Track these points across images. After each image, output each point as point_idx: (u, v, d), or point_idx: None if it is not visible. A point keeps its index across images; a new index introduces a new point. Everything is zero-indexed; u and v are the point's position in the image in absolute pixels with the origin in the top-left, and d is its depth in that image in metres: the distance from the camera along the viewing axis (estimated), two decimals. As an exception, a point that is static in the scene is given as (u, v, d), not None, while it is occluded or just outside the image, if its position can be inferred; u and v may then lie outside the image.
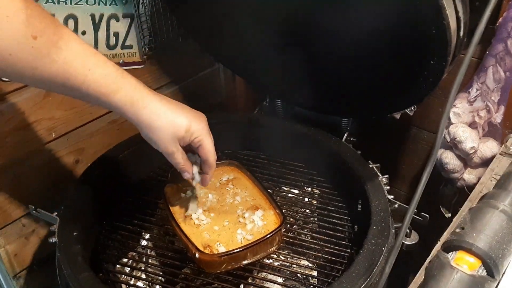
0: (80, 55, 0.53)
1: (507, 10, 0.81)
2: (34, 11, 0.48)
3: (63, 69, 0.51)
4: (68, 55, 0.51)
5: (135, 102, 0.57)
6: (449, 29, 0.60)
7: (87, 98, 0.55)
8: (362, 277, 0.61)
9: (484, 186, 0.76)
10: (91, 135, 0.95)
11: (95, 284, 0.61)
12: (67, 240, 0.67)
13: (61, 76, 0.51)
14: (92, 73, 0.53)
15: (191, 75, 1.13)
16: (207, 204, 0.75)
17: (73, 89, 0.53)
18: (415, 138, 1.09)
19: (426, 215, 0.71)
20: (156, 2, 0.94)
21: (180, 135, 0.61)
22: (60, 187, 0.91)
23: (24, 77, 0.51)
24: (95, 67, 0.54)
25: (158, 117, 0.59)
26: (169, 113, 0.60)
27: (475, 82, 0.89)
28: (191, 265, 0.71)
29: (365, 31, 0.70)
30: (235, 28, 0.86)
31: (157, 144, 0.61)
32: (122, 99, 0.56)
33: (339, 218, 0.80)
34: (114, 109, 0.57)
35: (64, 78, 0.52)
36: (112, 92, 0.55)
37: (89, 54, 0.54)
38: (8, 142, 0.82)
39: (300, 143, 0.91)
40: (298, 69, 0.86)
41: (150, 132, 0.60)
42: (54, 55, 0.50)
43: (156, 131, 0.60)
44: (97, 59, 0.54)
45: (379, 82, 0.77)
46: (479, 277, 0.51)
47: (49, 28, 0.50)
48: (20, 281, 0.93)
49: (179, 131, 0.61)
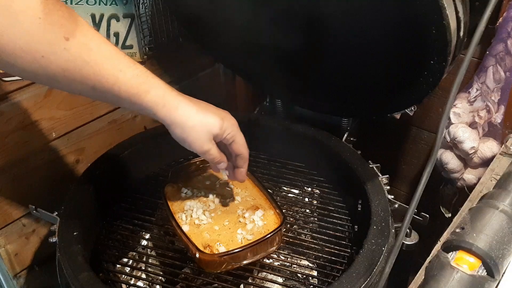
0: (111, 56, 0.52)
1: (507, 10, 0.81)
2: (64, 12, 0.48)
3: (94, 70, 0.51)
4: (99, 57, 0.51)
5: (166, 103, 0.57)
6: (449, 29, 0.60)
7: (116, 100, 0.54)
8: (362, 277, 0.61)
9: (484, 186, 0.76)
10: (92, 135, 0.96)
11: (95, 284, 0.61)
12: (68, 240, 0.67)
13: (92, 78, 0.51)
14: (124, 74, 0.53)
15: (191, 75, 1.13)
16: (208, 204, 0.75)
17: (104, 91, 0.53)
18: (415, 138, 1.09)
19: (426, 215, 0.71)
20: (157, 2, 0.94)
21: (215, 132, 0.61)
22: (61, 187, 0.91)
23: (56, 80, 0.50)
24: (126, 67, 0.53)
25: (191, 117, 0.59)
26: (200, 112, 0.60)
27: (475, 82, 0.89)
28: (191, 265, 0.71)
29: (365, 31, 0.71)
30: (235, 28, 0.86)
31: (192, 143, 0.61)
32: (154, 100, 0.56)
33: (339, 218, 0.80)
34: (145, 110, 0.56)
35: (95, 80, 0.51)
36: (143, 92, 0.55)
37: (119, 55, 0.54)
38: (8, 142, 0.82)
39: (300, 143, 0.91)
40: (298, 69, 0.86)
41: (184, 133, 0.59)
42: (86, 57, 0.50)
43: (191, 131, 0.59)
44: (127, 60, 0.54)
45: (379, 82, 0.77)
46: (479, 277, 0.51)
47: (79, 29, 0.49)
48: (21, 281, 0.93)
49: (213, 129, 0.61)
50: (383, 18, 0.66)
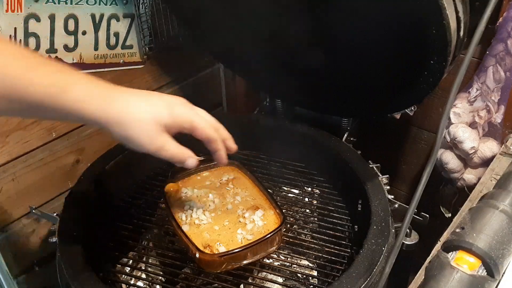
0: (20, 56, 0.45)
1: (507, 10, 0.81)
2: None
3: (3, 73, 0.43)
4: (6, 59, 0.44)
5: (94, 97, 0.47)
6: (449, 29, 0.60)
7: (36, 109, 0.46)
8: (362, 277, 0.61)
9: (484, 186, 0.76)
10: (92, 135, 0.95)
11: (95, 283, 0.61)
12: (68, 240, 0.67)
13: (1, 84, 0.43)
14: (36, 73, 0.45)
15: (191, 75, 1.13)
16: (208, 204, 0.75)
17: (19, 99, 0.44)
18: (415, 138, 1.09)
19: (426, 215, 0.71)
20: (157, 2, 0.95)
21: (163, 121, 0.51)
22: (61, 187, 0.92)
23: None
24: (39, 66, 0.45)
25: (130, 109, 0.49)
26: (142, 101, 0.50)
27: (475, 82, 0.89)
28: (191, 265, 0.71)
29: (365, 32, 0.71)
30: (235, 28, 0.86)
31: (138, 141, 0.50)
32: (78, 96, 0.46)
33: (339, 218, 0.80)
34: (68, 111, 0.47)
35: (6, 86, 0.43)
36: (61, 90, 0.46)
37: (29, 54, 0.47)
38: (9, 142, 0.82)
39: (300, 143, 0.91)
40: (299, 69, 0.86)
41: (125, 130, 0.49)
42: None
43: (133, 127, 0.49)
44: (40, 59, 0.47)
45: (379, 82, 0.77)
46: (479, 277, 0.51)
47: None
48: (21, 281, 0.93)
49: (162, 117, 0.51)
50: (383, 18, 0.66)
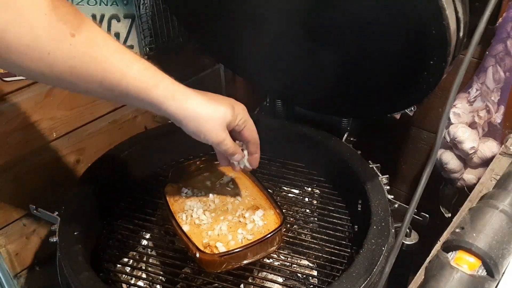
0: (117, 51, 0.51)
1: (506, 11, 0.81)
2: (68, 8, 0.47)
3: (102, 66, 0.50)
4: (105, 52, 0.50)
5: (176, 95, 0.55)
6: (449, 29, 0.60)
7: (124, 96, 0.53)
8: (362, 277, 0.61)
9: (484, 186, 0.76)
10: (92, 135, 0.96)
11: (95, 283, 0.61)
12: (68, 240, 0.67)
13: (99, 75, 0.50)
14: (131, 68, 0.52)
15: (192, 75, 1.13)
16: (208, 204, 0.75)
17: (111, 87, 0.51)
18: (415, 138, 1.10)
19: (426, 215, 0.71)
20: (157, 2, 0.95)
21: (228, 120, 0.60)
22: (61, 187, 0.92)
23: (62, 79, 0.49)
24: (133, 62, 0.52)
25: (204, 107, 0.57)
26: (211, 102, 0.59)
27: (475, 82, 0.89)
28: (192, 265, 0.72)
29: (365, 31, 0.71)
30: (235, 28, 0.87)
31: (207, 134, 0.59)
32: (163, 94, 0.54)
33: (339, 218, 0.80)
34: (154, 105, 0.55)
35: (102, 77, 0.50)
36: (152, 86, 0.53)
37: (125, 50, 0.52)
38: (9, 142, 0.82)
39: (300, 143, 0.91)
40: (299, 69, 0.86)
41: (198, 124, 0.58)
42: (93, 52, 0.49)
43: (205, 123, 0.58)
44: (133, 55, 0.53)
45: (379, 82, 0.77)
46: (479, 277, 0.51)
47: (85, 25, 0.48)
48: (21, 281, 0.93)
49: (226, 116, 0.60)
50: (383, 19, 0.67)
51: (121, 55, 0.52)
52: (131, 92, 0.52)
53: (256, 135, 0.67)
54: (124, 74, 0.51)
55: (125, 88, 0.52)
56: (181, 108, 0.56)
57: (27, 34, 0.44)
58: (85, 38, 0.48)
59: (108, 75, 0.50)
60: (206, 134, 0.59)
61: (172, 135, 0.90)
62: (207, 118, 0.58)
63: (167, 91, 0.55)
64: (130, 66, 0.52)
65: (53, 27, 0.46)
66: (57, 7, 0.46)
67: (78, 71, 0.49)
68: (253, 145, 0.67)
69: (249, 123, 0.65)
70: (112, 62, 0.50)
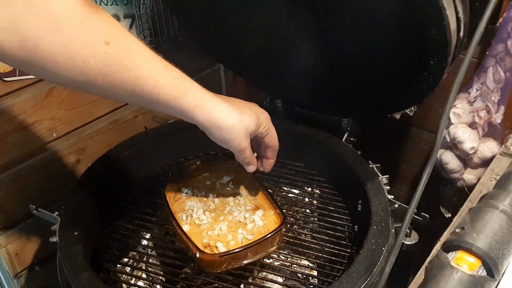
0: (150, 60, 0.52)
1: (507, 11, 0.81)
2: (102, 15, 0.47)
3: (135, 74, 0.50)
4: (139, 60, 0.50)
5: (205, 105, 0.57)
6: (449, 29, 0.60)
7: (154, 104, 0.54)
8: (362, 277, 0.61)
9: (484, 186, 0.76)
10: (92, 135, 0.96)
11: (95, 283, 0.61)
12: (68, 240, 0.67)
13: (131, 83, 0.50)
14: (163, 77, 0.52)
15: (192, 75, 1.11)
16: (208, 204, 0.75)
17: (143, 95, 0.52)
18: (415, 138, 1.09)
19: (426, 215, 0.71)
20: (157, 2, 0.95)
21: (252, 129, 0.62)
22: (61, 187, 0.92)
23: (94, 86, 0.49)
24: (164, 70, 0.53)
25: (229, 116, 0.59)
26: (237, 111, 0.60)
27: (475, 83, 0.89)
28: (192, 265, 0.72)
29: (365, 31, 0.71)
30: (235, 28, 0.87)
31: (231, 143, 0.61)
32: (193, 102, 0.55)
33: (339, 218, 0.80)
34: (183, 113, 0.56)
35: (134, 84, 0.50)
36: (182, 95, 0.54)
37: (157, 58, 0.53)
38: (9, 142, 0.82)
39: (300, 143, 0.91)
40: (299, 69, 0.86)
41: (224, 133, 0.59)
42: (126, 61, 0.49)
43: (231, 130, 0.60)
44: (164, 62, 0.53)
45: (379, 82, 0.77)
46: (479, 277, 0.51)
47: (118, 33, 0.48)
48: (21, 281, 0.93)
49: (251, 126, 0.62)
50: (383, 19, 0.67)
51: (154, 63, 0.52)
52: (161, 100, 0.53)
53: (276, 142, 0.69)
54: (156, 83, 0.52)
55: (156, 97, 0.52)
56: (209, 117, 0.57)
57: (61, 42, 0.44)
58: (119, 46, 0.48)
59: (140, 83, 0.51)
60: (230, 142, 0.61)
61: (172, 135, 0.90)
62: (233, 127, 0.60)
63: (196, 100, 0.56)
64: (162, 74, 0.52)
65: (87, 35, 0.45)
66: (91, 14, 0.45)
67: (111, 79, 0.49)
68: (271, 151, 0.70)
69: (271, 131, 0.67)
70: (145, 70, 0.51)
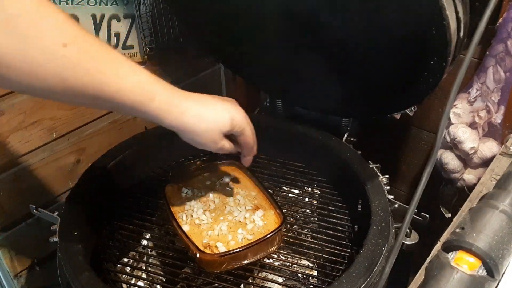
0: (112, 62, 0.49)
1: (507, 11, 0.81)
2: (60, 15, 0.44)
3: (95, 78, 0.47)
4: (100, 64, 0.48)
5: (173, 108, 0.55)
6: (449, 29, 0.60)
7: (120, 109, 0.52)
8: (362, 277, 0.61)
9: (484, 186, 0.76)
10: (92, 135, 0.96)
11: (96, 283, 0.61)
12: (68, 240, 0.67)
13: (93, 87, 0.47)
14: (126, 81, 0.50)
15: (192, 76, 1.13)
16: (208, 204, 0.75)
17: (106, 100, 0.49)
18: (415, 138, 1.10)
19: (426, 215, 0.71)
20: (157, 2, 0.95)
21: (226, 130, 0.60)
22: (61, 187, 0.92)
23: (54, 92, 0.46)
24: (129, 74, 0.50)
25: (202, 119, 0.58)
26: (210, 112, 0.59)
27: (475, 83, 0.89)
28: (192, 265, 0.72)
29: (365, 32, 0.71)
30: (235, 28, 0.87)
31: (205, 145, 0.60)
32: (159, 106, 0.53)
33: (339, 218, 0.80)
34: (152, 117, 0.54)
35: (96, 89, 0.48)
36: (148, 100, 0.52)
37: (121, 60, 0.50)
38: (9, 142, 0.82)
39: (300, 143, 0.91)
40: (299, 70, 0.86)
41: (196, 136, 0.58)
42: (85, 64, 0.46)
43: (203, 134, 0.58)
44: (129, 65, 0.51)
45: (379, 82, 0.77)
46: (479, 277, 0.51)
47: (78, 34, 0.46)
48: (21, 281, 0.93)
49: (224, 127, 0.60)
50: (383, 19, 0.67)
51: (117, 66, 0.49)
52: (127, 105, 0.51)
53: (250, 141, 0.66)
54: (119, 87, 0.49)
55: (120, 101, 0.50)
56: (175, 121, 0.56)
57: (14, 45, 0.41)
58: (79, 49, 0.46)
59: (102, 88, 0.48)
60: (204, 145, 0.60)
61: (172, 135, 0.89)
62: (206, 130, 0.58)
63: (163, 105, 0.54)
64: (125, 78, 0.50)
65: (43, 37, 0.43)
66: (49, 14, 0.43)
67: (70, 84, 0.46)
68: (246, 150, 0.68)
69: (246, 131, 0.64)
70: (107, 74, 0.48)
